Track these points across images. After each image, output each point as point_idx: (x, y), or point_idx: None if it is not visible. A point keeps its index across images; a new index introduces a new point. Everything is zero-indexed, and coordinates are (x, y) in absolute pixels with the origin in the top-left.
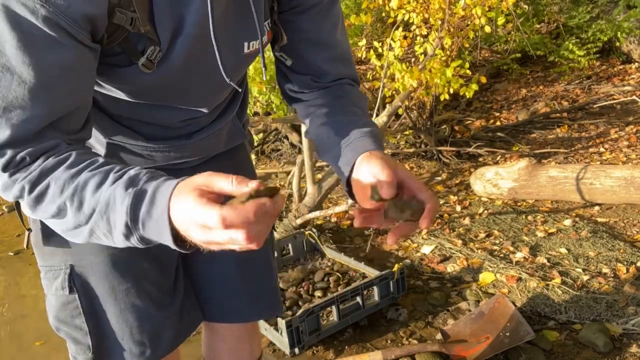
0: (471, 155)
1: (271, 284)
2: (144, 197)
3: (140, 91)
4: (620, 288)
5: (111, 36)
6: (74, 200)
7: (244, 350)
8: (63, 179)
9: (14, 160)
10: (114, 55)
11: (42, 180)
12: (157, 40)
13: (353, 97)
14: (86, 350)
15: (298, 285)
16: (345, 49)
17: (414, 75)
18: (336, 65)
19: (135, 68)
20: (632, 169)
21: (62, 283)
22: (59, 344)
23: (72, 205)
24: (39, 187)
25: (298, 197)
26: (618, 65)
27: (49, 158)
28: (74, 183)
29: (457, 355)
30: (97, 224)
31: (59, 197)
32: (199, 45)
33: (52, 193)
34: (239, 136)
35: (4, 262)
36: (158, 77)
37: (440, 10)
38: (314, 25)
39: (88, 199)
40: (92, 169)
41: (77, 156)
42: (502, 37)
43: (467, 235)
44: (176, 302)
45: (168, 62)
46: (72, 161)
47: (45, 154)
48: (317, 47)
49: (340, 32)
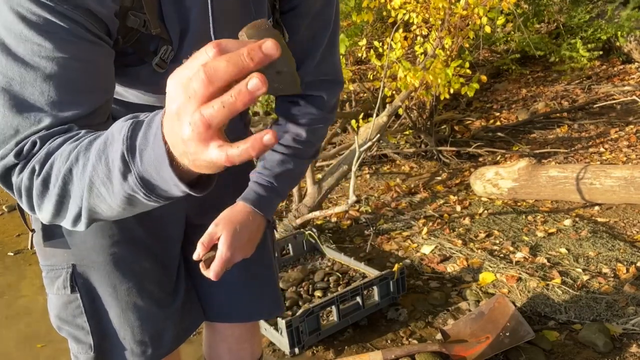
0: (471, 155)
1: (272, 284)
2: (141, 123)
3: (152, 90)
4: (620, 288)
5: (125, 37)
6: (78, 161)
7: (245, 350)
8: (68, 150)
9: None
10: (126, 55)
11: (48, 159)
12: (169, 39)
13: (317, 118)
14: (88, 349)
15: (298, 285)
16: (333, 51)
17: (417, 75)
18: (321, 66)
19: (147, 67)
20: (632, 169)
21: (63, 282)
22: (61, 345)
23: (76, 166)
24: (46, 166)
25: (298, 197)
26: (618, 65)
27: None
28: (78, 147)
29: (457, 355)
30: (95, 169)
31: (64, 166)
32: (203, 43)
33: (58, 167)
34: (242, 136)
35: (4, 262)
36: (168, 75)
37: (440, 10)
38: (306, 32)
39: (91, 152)
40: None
41: (85, 133)
42: (502, 37)
43: (467, 235)
44: (177, 301)
45: (178, 61)
46: (79, 136)
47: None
48: (306, 52)
49: (332, 35)
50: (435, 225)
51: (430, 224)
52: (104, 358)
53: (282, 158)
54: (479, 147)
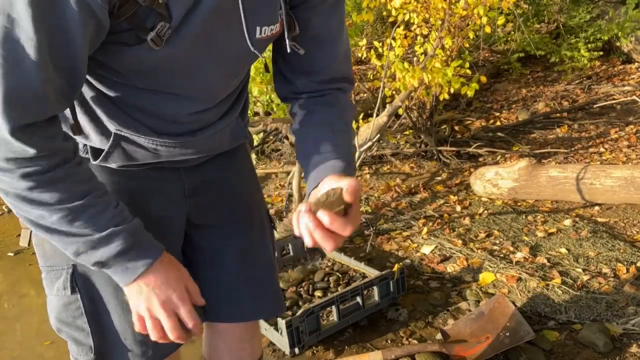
0: (471, 155)
1: (273, 284)
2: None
3: (148, 71)
4: (620, 288)
5: (121, 8)
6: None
7: (245, 350)
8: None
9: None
10: (123, 32)
11: (53, 183)
12: (167, 16)
13: (343, 108)
14: (88, 351)
15: (298, 285)
16: (347, 48)
17: (415, 75)
18: (337, 62)
19: (143, 46)
20: (632, 169)
21: (64, 283)
22: (62, 346)
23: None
24: (47, 186)
25: (298, 197)
26: (618, 65)
27: (59, 158)
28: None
29: (457, 355)
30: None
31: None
32: (219, 21)
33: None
34: (241, 136)
35: (4, 262)
36: (167, 55)
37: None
38: (321, 22)
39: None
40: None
41: (84, 172)
42: (502, 37)
43: (467, 235)
44: None
45: (177, 39)
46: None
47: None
48: (324, 43)
49: (345, 30)
50: (435, 225)
51: (430, 224)
52: (105, 359)
53: (336, 141)
54: (479, 147)
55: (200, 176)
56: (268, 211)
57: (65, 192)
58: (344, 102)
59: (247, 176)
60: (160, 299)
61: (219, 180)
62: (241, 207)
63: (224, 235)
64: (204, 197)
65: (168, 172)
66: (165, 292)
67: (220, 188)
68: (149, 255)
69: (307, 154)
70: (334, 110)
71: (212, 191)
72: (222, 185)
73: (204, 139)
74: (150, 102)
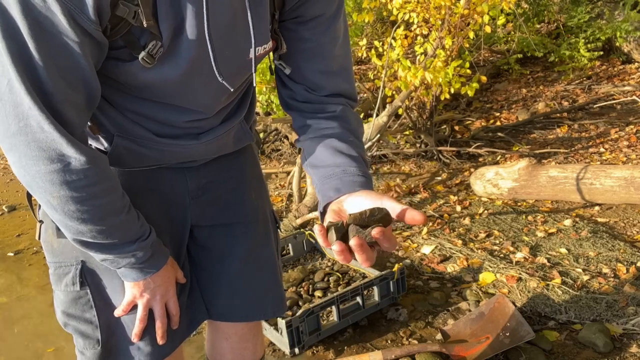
0: (471, 155)
1: (276, 284)
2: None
3: (142, 87)
4: (620, 288)
5: (114, 28)
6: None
7: (247, 349)
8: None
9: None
10: (118, 49)
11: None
12: (159, 35)
13: (350, 121)
14: (95, 344)
15: (298, 285)
16: (343, 64)
17: (417, 74)
18: (331, 79)
19: (137, 63)
20: (632, 169)
21: (72, 279)
22: (63, 346)
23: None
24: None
25: (298, 197)
26: (618, 65)
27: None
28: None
29: (457, 355)
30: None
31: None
32: (199, 49)
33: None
34: (246, 138)
35: (4, 262)
36: (159, 74)
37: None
38: (313, 37)
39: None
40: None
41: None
42: (502, 37)
43: (467, 235)
44: (181, 299)
45: (171, 60)
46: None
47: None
48: (314, 58)
49: (340, 46)
50: (435, 225)
51: (430, 224)
52: (110, 353)
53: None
54: (479, 147)
55: (204, 176)
56: (273, 210)
57: (110, 205)
58: (349, 117)
59: (253, 176)
60: (161, 294)
61: (224, 180)
62: (246, 206)
63: (229, 235)
64: (209, 197)
65: (172, 172)
66: (165, 289)
67: (225, 188)
68: (161, 261)
69: (317, 162)
70: (341, 123)
71: (217, 191)
72: (227, 185)
73: (205, 142)
74: (149, 109)
